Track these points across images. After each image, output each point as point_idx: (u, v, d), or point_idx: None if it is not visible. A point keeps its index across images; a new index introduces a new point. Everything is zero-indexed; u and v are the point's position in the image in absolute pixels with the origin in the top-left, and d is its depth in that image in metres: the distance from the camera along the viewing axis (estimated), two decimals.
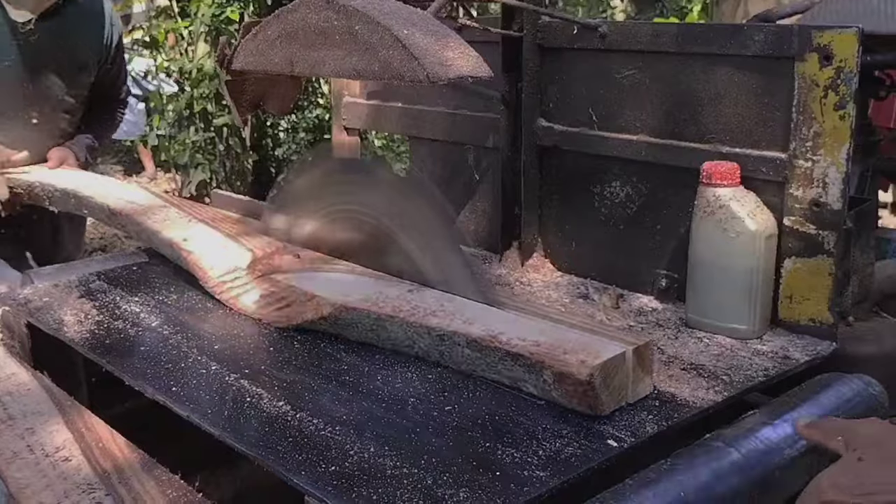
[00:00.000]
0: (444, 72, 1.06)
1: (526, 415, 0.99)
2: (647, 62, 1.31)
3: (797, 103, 1.12)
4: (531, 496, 0.83)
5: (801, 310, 1.17)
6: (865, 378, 1.06)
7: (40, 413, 1.05)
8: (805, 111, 1.12)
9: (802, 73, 1.11)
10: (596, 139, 1.40)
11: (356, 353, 1.18)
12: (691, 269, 1.22)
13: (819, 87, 1.09)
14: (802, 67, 1.11)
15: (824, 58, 1.08)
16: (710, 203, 1.17)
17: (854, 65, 1.06)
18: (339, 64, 1.14)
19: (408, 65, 1.05)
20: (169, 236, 1.50)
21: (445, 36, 1.12)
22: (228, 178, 3.80)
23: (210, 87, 3.70)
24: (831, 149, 1.10)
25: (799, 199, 1.15)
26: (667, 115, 1.30)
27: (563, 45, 1.41)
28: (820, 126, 1.10)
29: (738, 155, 1.20)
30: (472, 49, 1.13)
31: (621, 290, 1.38)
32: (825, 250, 1.13)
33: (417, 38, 1.08)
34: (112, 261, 1.63)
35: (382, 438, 0.94)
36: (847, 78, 1.07)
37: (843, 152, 1.09)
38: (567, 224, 1.49)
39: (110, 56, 2.12)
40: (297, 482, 0.86)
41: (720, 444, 0.93)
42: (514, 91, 1.47)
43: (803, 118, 1.12)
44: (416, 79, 1.05)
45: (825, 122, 1.10)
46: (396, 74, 1.07)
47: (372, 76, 1.11)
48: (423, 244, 1.28)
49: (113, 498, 0.85)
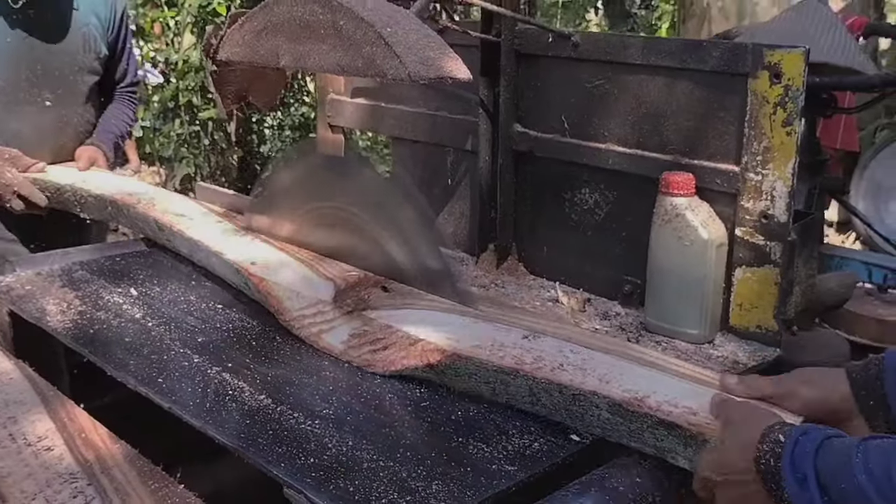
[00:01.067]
0: (425, 71, 1.07)
1: (496, 412, 1.03)
2: (615, 72, 1.35)
3: (749, 118, 1.17)
4: (500, 489, 0.88)
5: (749, 317, 1.23)
6: None
7: (22, 402, 1.06)
8: (756, 126, 1.17)
9: (754, 90, 1.16)
10: (568, 146, 1.44)
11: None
12: (650, 274, 1.27)
13: (769, 103, 1.14)
14: (754, 84, 1.15)
15: (774, 76, 1.13)
16: (667, 211, 1.22)
17: (801, 83, 1.11)
18: (323, 58, 1.15)
19: (390, 62, 1.07)
20: (233, 258, 1.37)
21: (427, 36, 1.14)
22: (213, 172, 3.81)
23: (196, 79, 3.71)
24: (779, 163, 1.15)
25: (749, 210, 1.20)
26: (632, 125, 1.35)
27: (539, 52, 1.45)
28: (769, 141, 1.16)
29: (695, 166, 1.25)
30: (453, 51, 1.15)
31: (588, 295, 1.43)
32: (772, 260, 1.19)
33: (400, 35, 1.09)
34: (96, 251, 1.64)
35: (360, 433, 0.98)
36: (794, 95, 1.12)
37: (790, 167, 1.14)
38: (539, 228, 1.53)
39: (115, 26, 2.04)
40: (276, 474, 0.89)
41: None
42: (491, 95, 1.49)
43: (754, 133, 1.17)
44: (397, 76, 1.06)
45: (774, 137, 1.15)
46: (379, 71, 1.08)
47: (355, 72, 1.13)
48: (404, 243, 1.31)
49: (95, 488, 0.87)
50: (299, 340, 1.23)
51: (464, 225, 1.69)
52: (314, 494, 0.86)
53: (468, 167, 1.65)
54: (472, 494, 0.87)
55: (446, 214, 1.71)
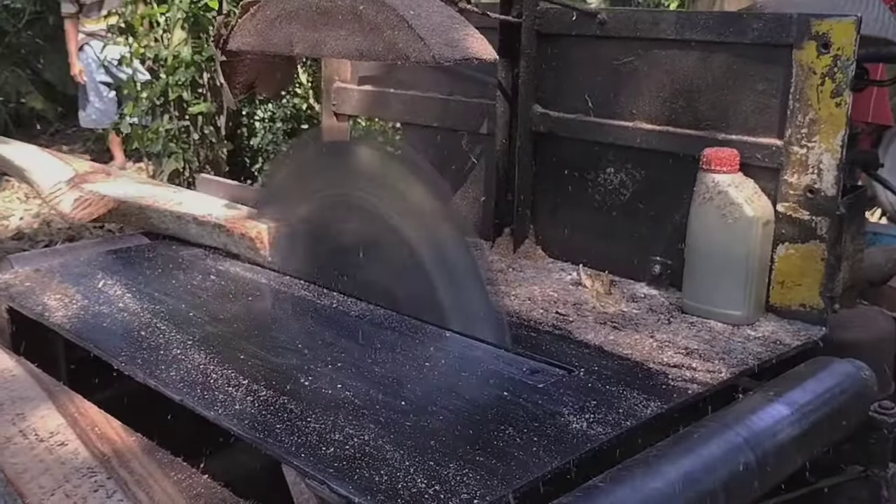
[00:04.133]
0: (450, 53, 1.05)
1: (526, 397, 0.99)
2: (645, 49, 1.32)
3: (794, 90, 1.14)
4: (532, 477, 0.83)
5: (792, 295, 1.19)
6: (856, 363, 1.08)
7: (29, 399, 1.02)
8: (801, 98, 1.13)
9: (800, 61, 1.12)
10: (592, 126, 1.40)
11: (351, 338, 1.17)
12: (688, 254, 1.23)
13: (816, 74, 1.11)
14: (800, 55, 1.12)
15: (822, 45, 1.09)
16: (708, 189, 1.18)
17: (851, 53, 1.08)
18: (341, 44, 1.13)
19: (414, 45, 1.04)
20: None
21: (451, 17, 1.12)
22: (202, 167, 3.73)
23: (186, 74, 3.63)
24: (827, 135, 1.12)
25: (793, 185, 1.17)
26: (664, 102, 1.31)
27: (562, 31, 1.41)
28: (816, 113, 1.12)
29: (734, 142, 1.22)
30: (477, 31, 1.13)
31: (613, 277, 1.39)
32: (818, 236, 1.16)
33: (423, 18, 1.07)
34: (95, 245, 1.60)
35: (382, 421, 0.94)
36: (844, 65, 1.09)
37: (839, 139, 1.11)
38: (560, 210, 1.50)
39: None
40: (297, 465, 0.85)
41: (719, 425, 0.94)
42: (510, 77, 1.46)
43: (800, 105, 1.14)
44: (421, 59, 1.04)
45: (821, 109, 1.12)
46: (401, 55, 1.06)
47: (375, 57, 1.10)
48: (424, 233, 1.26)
49: (115, 481, 0.83)
50: (312, 330, 1.19)
51: (478, 209, 1.65)
52: (338, 485, 0.81)
53: (482, 151, 1.62)
54: (503, 483, 0.82)
55: (459, 199, 1.68)
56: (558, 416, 0.94)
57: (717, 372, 1.05)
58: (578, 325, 1.20)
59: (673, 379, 1.03)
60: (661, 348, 1.12)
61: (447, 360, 1.09)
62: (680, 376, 1.04)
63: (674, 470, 0.87)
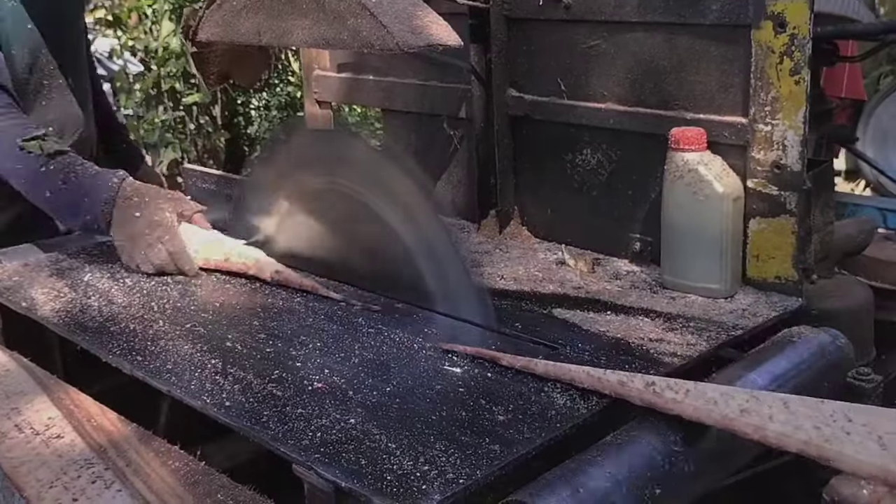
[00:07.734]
0: (414, 40, 1.05)
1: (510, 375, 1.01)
2: (611, 32, 1.33)
3: (755, 69, 1.15)
4: (519, 454, 0.85)
5: (767, 268, 1.22)
6: (832, 331, 1.09)
7: (23, 392, 1.04)
8: (762, 77, 1.15)
9: (758, 41, 1.14)
10: (565, 108, 1.42)
11: (339, 323, 1.20)
12: (664, 231, 1.25)
13: (774, 53, 1.12)
14: (758, 35, 1.13)
15: (778, 25, 1.10)
16: (678, 167, 1.20)
17: (807, 31, 1.09)
18: (307, 33, 1.12)
19: (377, 33, 1.04)
20: None
21: (413, 4, 1.11)
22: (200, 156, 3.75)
23: (177, 65, 3.64)
24: (789, 112, 1.14)
25: (760, 161, 1.18)
26: (633, 83, 1.33)
27: (529, 15, 1.42)
28: (777, 91, 1.14)
29: (702, 120, 1.23)
30: (441, 18, 1.13)
31: (597, 255, 1.42)
32: (787, 210, 1.18)
33: (385, 5, 1.06)
34: (81, 240, 1.61)
35: (368, 405, 0.96)
36: (801, 44, 1.10)
37: (800, 116, 1.13)
38: (542, 191, 1.52)
39: None
40: (284, 451, 0.87)
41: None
42: (483, 62, 1.47)
43: (761, 84, 1.15)
44: (385, 47, 1.04)
45: (781, 87, 1.13)
46: (366, 43, 1.06)
47: (341, 45, 1.10)
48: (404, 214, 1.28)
49: (113, 471, 0.85)
50: (299, 318, 1.20)
51: (462, 193, 1.67)
52: (325, 470, 0.83)
53: (463, 135, 1.63)
54: (489, 461, 0.84)
55: (444, 183, 1.70)
56: (543, 394, 0.96)
57: (696, 345, 1.08)
58: (563, 303, 1.23)
59: (654, 353, 1.06)
60: (642, 323, 1.15)
61: (433, 342, 1.11)
62: (661, 350, 1.06)
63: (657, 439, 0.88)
